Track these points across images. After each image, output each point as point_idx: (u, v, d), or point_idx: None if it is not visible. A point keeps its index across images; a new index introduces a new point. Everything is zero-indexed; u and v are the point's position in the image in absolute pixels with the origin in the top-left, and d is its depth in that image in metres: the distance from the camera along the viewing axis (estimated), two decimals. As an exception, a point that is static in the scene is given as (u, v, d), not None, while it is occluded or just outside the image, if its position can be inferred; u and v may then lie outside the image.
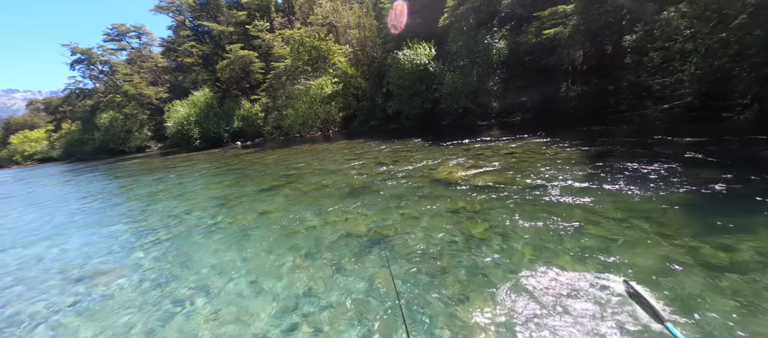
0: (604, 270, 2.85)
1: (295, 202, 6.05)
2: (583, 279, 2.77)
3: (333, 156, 11.41)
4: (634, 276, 2.72)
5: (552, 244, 3.40)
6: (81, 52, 38.04)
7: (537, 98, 14.80)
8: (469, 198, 5.03)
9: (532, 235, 3.63)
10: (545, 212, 4.15)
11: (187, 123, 28.22)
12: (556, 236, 3.55)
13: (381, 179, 6.89)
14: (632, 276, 2.72)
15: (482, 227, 4.02)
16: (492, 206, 4.60)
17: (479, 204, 4.72)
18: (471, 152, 8.48)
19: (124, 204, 8.29)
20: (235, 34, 33.64)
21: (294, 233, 4.55)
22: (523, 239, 3.56)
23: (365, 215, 4.92)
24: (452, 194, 5.29)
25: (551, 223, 3.85)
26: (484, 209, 4.55)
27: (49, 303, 3.48)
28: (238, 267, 3.72)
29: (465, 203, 4.83)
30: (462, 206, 4.72)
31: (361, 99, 19.43)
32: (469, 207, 4.66)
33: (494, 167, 6.56)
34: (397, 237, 4.03)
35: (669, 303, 2.39)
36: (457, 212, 4.53)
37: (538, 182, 5.28)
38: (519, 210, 4.32)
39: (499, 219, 4.14)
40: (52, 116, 51.84)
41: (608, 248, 3.21)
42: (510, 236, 3.69)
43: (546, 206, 4.33)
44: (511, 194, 4.93)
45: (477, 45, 13.80)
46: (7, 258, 5.08)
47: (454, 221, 4.27)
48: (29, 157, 49.63)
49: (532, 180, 5.43)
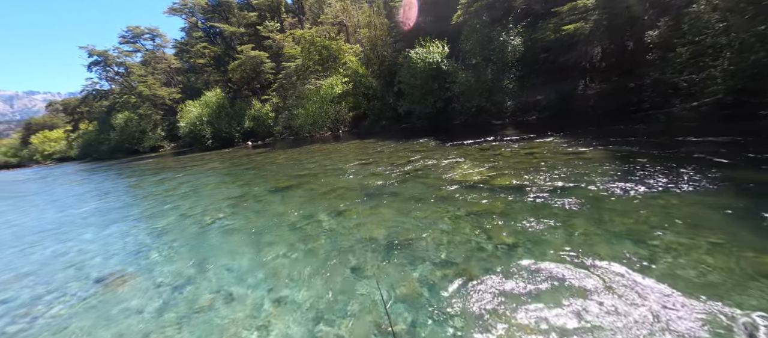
0: (648, 279, 2.59)
1: (310, 203, 5.91)
2: (625, 288, 2.52)
3: (345, 156, 11.27)
4: (684, 290, 2.45)
5: (588, 249, 3.15)
6: (98, 55, 39.05)
7: (553, 97, 14.36)
8: (491, 200, 4.78)
9: (564, 241, 3.37)
10: (576, 216, 3.88)
11: (199, 123, 28.60)
12: (591, 240, 3.29)
13: (396, 180, 6.69)
14: (682, 290, 2.45)
15: (509, 231, 3.77)
16: (517, 209, 4.35)
17: (503, 207, 4.48)
18: (488, 152, 8.21)
19: (140, 204, 8.31)
20: (246, 35, 33.96)
21: (310, 236, 4.39)
22: (556, 245, 3.30)
23: (382, 217, 4.73)
24: (473, 196, 5.05)
25: (585, 227, 3.58)
26: (509, 211, 4.30)
27: (69, 306, 3.40)
28: (256, 273, 3.58)
29: (488, 206, 4.58)
30: (485, 209, 4.48)
31: (371, 99, 19.28)
32: (492, 210, 4.42)
33: (515, 168, 6.28)
34: (417, 241, 3.82)
35: (738, 322, 2.12)
36: (480, 215, 4.30)
37: (565, 184, 4.99)
38: (547, 214, 4.06)
39: (527, 223, 3.89)
40: (71, 117, 53.45)
41: (649, 255, 2.94)
42: (541, 241, 3.44)
43: (576, 210, 4.06)
44: (536, 197, 4.67)
45: (491, 42, 13.45)
46: (28, 257, 5.08)
47: (477, 225, 4.04)
48: (48, 156, 51.28)
49: (559, 182, 5.14)
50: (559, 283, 2.72)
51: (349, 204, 5.53)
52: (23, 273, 4.45)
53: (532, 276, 2.87)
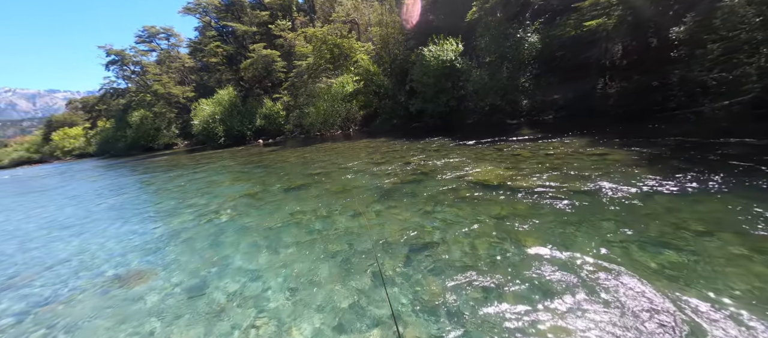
0: (688, 291, 2.37)
1: (324, 203, 5.81)
2: (665, 299, 2.31)
3: (357, 155, 11.16)
4: (730, 301, 2.22)
5: (623, 258, 2.94)
6: (115, 54, 40.03)
7: (570, 96, 13.94)
8: (515, 203, 4.58)
9: (597, 247, 3.16)
10: (607, 220, 3.66)
11: (212, 121, 29.02)
12: (626, 248, 3.08)
13: (411, 180, 6.53)
14: (728, 301, 2.22)
15: (536, 236, 3.58)
16: (544, 213, 4.14)
17: (528, 210, 4.27)
18: (506, 153, 7.96)
19: (155, 200, 8.38)
20: (258, 34, 34.27)
21: (327, 237, 4.29)
22: (588, 252, 3.10)
23: (400, 219, 4.58)
24: (494, 199, 4.86)
25: (618, 234, 3.37)
26: (533, 215, 4.10)
27: (89, 303, 3.38)
28: (273, 275, 3.48)
29: (511, 209, 4.39)
30: (509, 212, 4.28)
31: (382, 97, 19.13)
32: (517, 213, 4.22)
33: (536, 169, 6.04)
34: (437, 245, 3.66)
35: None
36: (504, 219, 4.10)
37: (592, 187, 4.75)
38: (575, 218, 3.84)
39: (555, 228, 3.68)
40: (89, 115, 55.13)
41: (692, 264, 2.71)
42: (571, 247, 3.24)
43: (607, 214, 3.82)
44: (562, 200, 4.44)
45: (507, 39, 13.12)
46: (48, 252, 5.13)
47: (502, 229, 3.85)
48: (68, 152, 52.99)
49: (585, 184, 4.90)
50: (594, 294, 2.52)
51: (365, 204, 5.40)
52: (44, 267, 4.48)
53: (563, 285, 2.68)
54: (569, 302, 2.48)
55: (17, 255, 5.21)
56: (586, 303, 2.45)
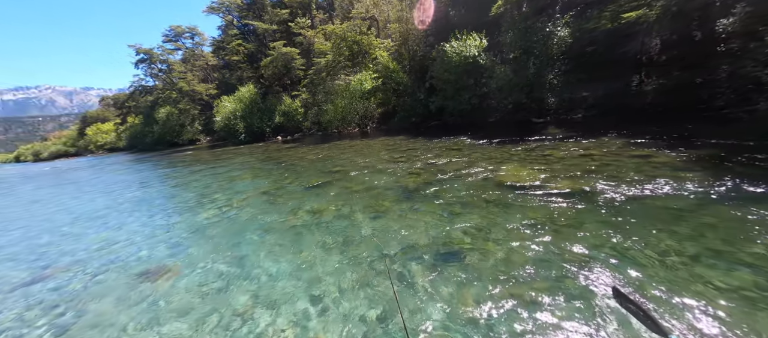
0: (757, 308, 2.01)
1: (346, 203, 5.65)
2: (736, 312, 1.96)
3: (376, 153, 10.98)
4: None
5: (684, 272, 2.58)
6: (144, 52, 41.75)
7: (601, 93, 13.16)
8: (550, 207, 4.24)
9: (655, 262, 2.81)
10: (663, 231, 3.28)
11: (233, 118, 29.68)
12: (690, 265, 2.71)
13: (435, 180, 6.27)
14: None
15: (580, 245, 3.25)
16: (583, 219, 3.79)
17: (566, 215, 3.93)
18: (535, 153, 7.54)
19: (180, 195, 8.54)
20: (278, 32, 34.75)
21: (350, 240, 4.11)
22: (643, 267, 2.75)
23: (425, 222, 4.35)
24: (527, 202, 4.53)
25: (679, 246, 2.99)
26: (575, 222, 3.76)
27: (116, 298, 3.37)
28: (296, 277, 3.35)
29: (547, 214, 4.05)
30: (545, 217, 3.96)
31: (401, 94, 18.85)
32: (554, 219, 3.89)
33: (571, 171, 5.63)
34: (468, 252, 3.41)
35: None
36: (540, 225, 3.79)
37: (639, 192, 4.33)
38: (625, 228, 3.47)
39: (601, 237, 3.34)
40: (120, 111, 57.88)
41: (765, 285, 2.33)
42: (623, 261, 2.90)
43: (662, 224, 3.43)
44: (606, 206, 4.07)
45: (534, 34, 12.51)
46: (79, 245, 5.26)
47: (538, 235, 3.54)
48: (101, 147, 55.98)
49: (631, 189, 4.48)
50: (659, 318, 2.20)
51: (388, 205, 5.20)
52: (75, 259, 4.57)
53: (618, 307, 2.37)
54: (626, 326, 2.17)
55: (52, 246, 5.38)
56: (645, 333, 2.14)
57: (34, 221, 7.49)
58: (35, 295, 3.67)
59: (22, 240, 5.96)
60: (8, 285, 4.04)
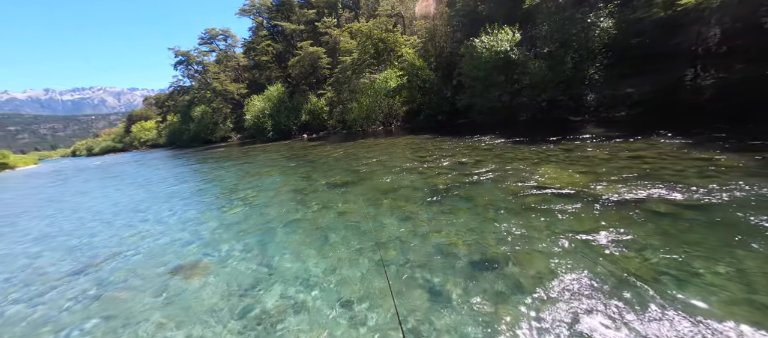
0: None
1: (373, 203, 5.51)
2: None
3: (402, 152, 10.78)
4: None
5: None
6: (182, 54, 44.26)
7: (649, 89, 12.05)
8: (597, 214, 3.82)
9: (733, 286, 2.39)
10: (736, 246, 2.80)
11: (262, 116, 30.68)
12: None
13: (466, 182, 5.96)
14: None
15: (640, 259, 2.87)
16: (639, 230, 3.36)
17: (617, 224, 3.51)
18: (576, 153, 6.98)
19: (213, 191, 8.83)
20: (305, 32, 35.44)
21: (379, 243, 3.95)
22: (719, 291, 2.34)
23: (458, 226, 4.09)
24: (570, 208, 4.13)
25: (757, 264, 2.53)
26: (627, 232, 3.34)
27: (151, 292, 3.46)
28: (325, 280, 3.24)
29: (594, 222, 3.65)
30: (593, 226, 3.57)
31: (427, 92, 18.45)
32: (602, 228, 3.49)
33: (620, 175, 5.11)
34: (508, 263, 3.12)
35: None
36: (589, 234, 3.41)
37: (704, 200, 3.80)
38: (690, 240, 3.03)
39: (662, 252, 2.93)
40: (161, 110, 61.97)
41: None
42: (692, 281, 2.50)
43: (739, 238, 2.95)
44: (662, 215, 3.60)
45: (573, 25, 11.66)
46: (120, 237, 5.54)
47: (586, 246, 3.18)
48: (144, 143, 60.31)
49: (694, 196, 3.94)
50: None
51: (417, 207, 4.99)
52: (116, 252, 4.80)
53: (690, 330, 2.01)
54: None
55: (97, 237, 5.71)
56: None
57: (84, 213, 8.05)
58: (80, 285, 3.85)
59: (74, 230, 6.40)
60: (59, 273, 4.29)
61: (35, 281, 4.14)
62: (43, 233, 6.51)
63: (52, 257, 4.97)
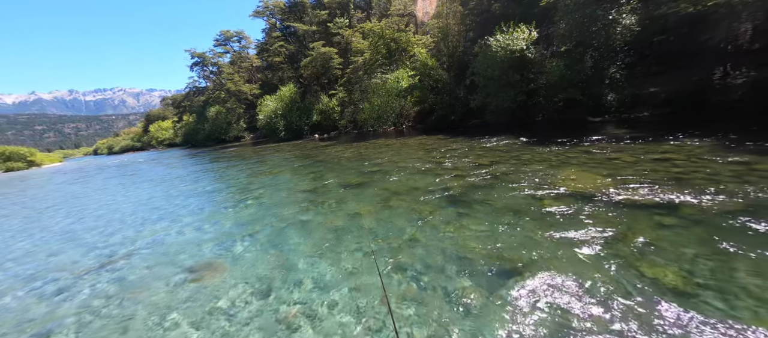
0: None
1: (386, 205, 5.41)
2: None
3: (414, 153, 10.64)
4: None
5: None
6: (198, 56, 45.34)
7: (675, 88, 11.52)
8: (625, 221, 3.61)
9: None
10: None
11: (274, 116, 31.04)
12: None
13: (482, 185, 5.78)
14: None
15: (671, 271, 2.67)
16: (676, 240, 3.14)
17: (651, 234, 3.30)
18: (598, 156, 6.69)
19: (226, 190, 8.92)
20: (317, 33, 35.68)
21: (394, 248, 3.85)
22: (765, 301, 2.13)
23: (474, 231, 3.94)
24: (599, 215, 3.91)
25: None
26: (663, 242, 3.12)
27: (166, 292, 3.45)
28: (339, 285, 3.16)
29: (624, 229, 3.44)
30: (621, 233, 3.36)
31: (439, 92, 18.23)
32: (631, 235, 3.28)
33: (648, 179, 4.84)
34: (531, 271, 2.95)
35: None
36: (620, 244, 3.20)
37: (744, 207, 3.53)
38: (729, 249, 2.79)
39: (701, 260, 2.71)
40: (177, 110, 63.60)
41: None
42: (735, 294, 2.28)
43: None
44: (697, 223, 3.36)
45: (593, 23, 11.26)
46: (138, 234, 5.62)
47: (617, 257, 2.98)
48: (161, 142, 62.02)
49: (730, 203, 3.67)
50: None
51: (432, 210, 4.85)
52: (133, 250, 4.86)
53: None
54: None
55: (116, 234, 5.82)
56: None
57: (104, 210, 8.26)
58: (100, 283, 3.90)
59: (95, 227, 6.54)
60: (80, 269, 4.37)
61: (55, 277, 4.22)
62: (63, 229, 6.69)
63: (72, 253, 5.08)
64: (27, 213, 9.28)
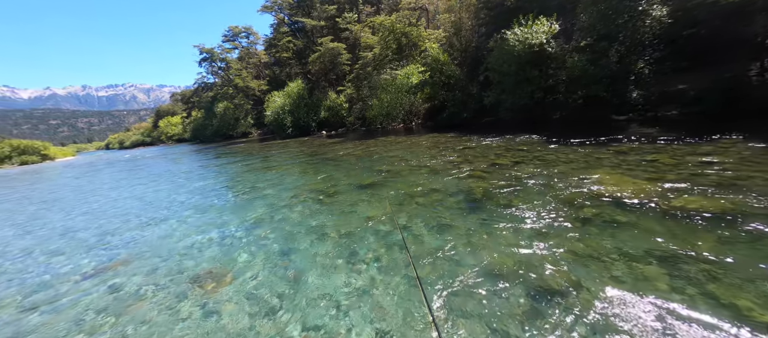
0: None
1: (403, 209, 5.00)
2: None
3: (428, 152, 10.19)
4: None
5: None
6: (206, 52, 45.39)
7: (706, 85, 10.79)
8: (686, 235, 3.13)
9: None
10: None
11: (282, 112, 30.83)
12: None
13: (506, 188, 5.32)
14: None
15: (754, 294, 2.21)
16: (752, 254, 2.66)
17: (716, 248, 2.82)
18: (633, 157, 6.16)
19: (233, 189, 8.63)
20: (325, 28, 35.27)
21: (414, 257, 3.44)
22: None
23: (504, 241, 3.51)
24: (648, 225, 3.44)
25: None
26: (726, 261, 2.65)
27: (168, 305, 3.13)
28: (355, 305, 2.77)
29: (684, 244, 2.97)
30: (682, 248, 2.89)
31: (452, 88, 17.67)
32: (697, 251, 2.82)
33: (696, 183, 4.33)
34: (574, 294, 2.52)
35: None
36: (676, 259, 2.74)
37: (831, 222, 3.02)
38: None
39: None
40: (186, 105, 64.11)
41: None
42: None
43: None
44: (762, 234, 2.87)
45: (620, 15, 10.58)
46: (142, 236, 5.34)
47: (680, 278, 2.53)
48: (170, 137, 62.62)
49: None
50: None
51: (453, 216, 4.43)
52: (134, 254, 4.56)
53: None
54: None
55: (117, 235, 5.55)
56: None
57: (108, 208, 8.04)
58: (95, 291, 3.60)
59: (97, 227, 6.30)
60: (76, 276, 4.08)
61: (50, 283, 3.94)
62: (65, 227, 6.47)
63: (71, 256, 4.81)
64: (27, 210, 9.14)
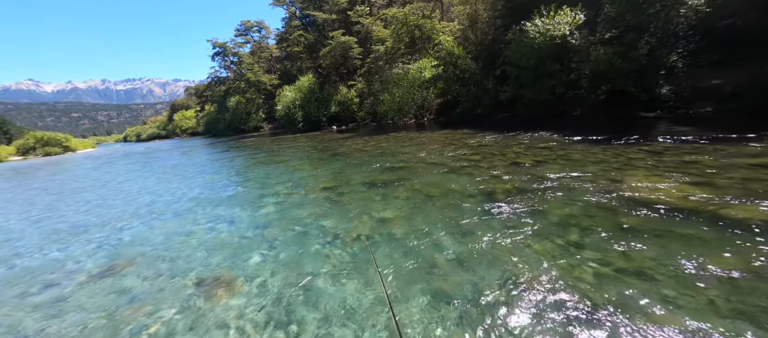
0: None
1: (419, 210, 4.71)
2: None
3: (442, 149, 9.83)
4: None
5: None
6: (219, 46, 45.76)
7: (745, 81, 10.02)
8: (749, 249, 2.73)
9: None
10: None
11: (293, 106, 30.80)
12: None
13: (532, 189, 4.95)
14: None
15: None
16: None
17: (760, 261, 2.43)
18: (670, 157, 5.67)
19: (243, 184, 8.50)
20: (337, 22, 34.91)
21: (434, 265, 3.16)
22: None
23: (534, 251, 3.18)
24: (702, 236, 3.04)
25: None
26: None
27: (170, 313, 2.95)
28: (370, 318, 2.50)
29: (746, 260, 2.58)
30: (742, 265, 2.50)
31: (466, 83, 17.13)
32: (735, 265, 2.43)
33: (755, 189, 3.86)
34: (621, 314, 2.18)
35: None
36: (741, 278, 2.36)
37: None
38: None
39: None
40: (200, 100, 65.04)
41: None
42: None
43: None
44: None
45: (651, 4, 9.88)
46: (147, 237, 5.23)
47: (739, 296, 2.16)
48: (184, 131, 63.83)
49: None
50: None
51: (474, 221, 4.10)
52: (141, 253, 4.43)
53: None
54: None
55: (126, 231, 5.46)
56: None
57: (119, 202, 8.03)
58: (101, 293, 3.46)
59: (107, 222, 6.24)
60: (82, 276, 3.96)
61: (53, 283, 3.83)
62: (73, 222, 6.44)
63: (72, 256, 4.73)
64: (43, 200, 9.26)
